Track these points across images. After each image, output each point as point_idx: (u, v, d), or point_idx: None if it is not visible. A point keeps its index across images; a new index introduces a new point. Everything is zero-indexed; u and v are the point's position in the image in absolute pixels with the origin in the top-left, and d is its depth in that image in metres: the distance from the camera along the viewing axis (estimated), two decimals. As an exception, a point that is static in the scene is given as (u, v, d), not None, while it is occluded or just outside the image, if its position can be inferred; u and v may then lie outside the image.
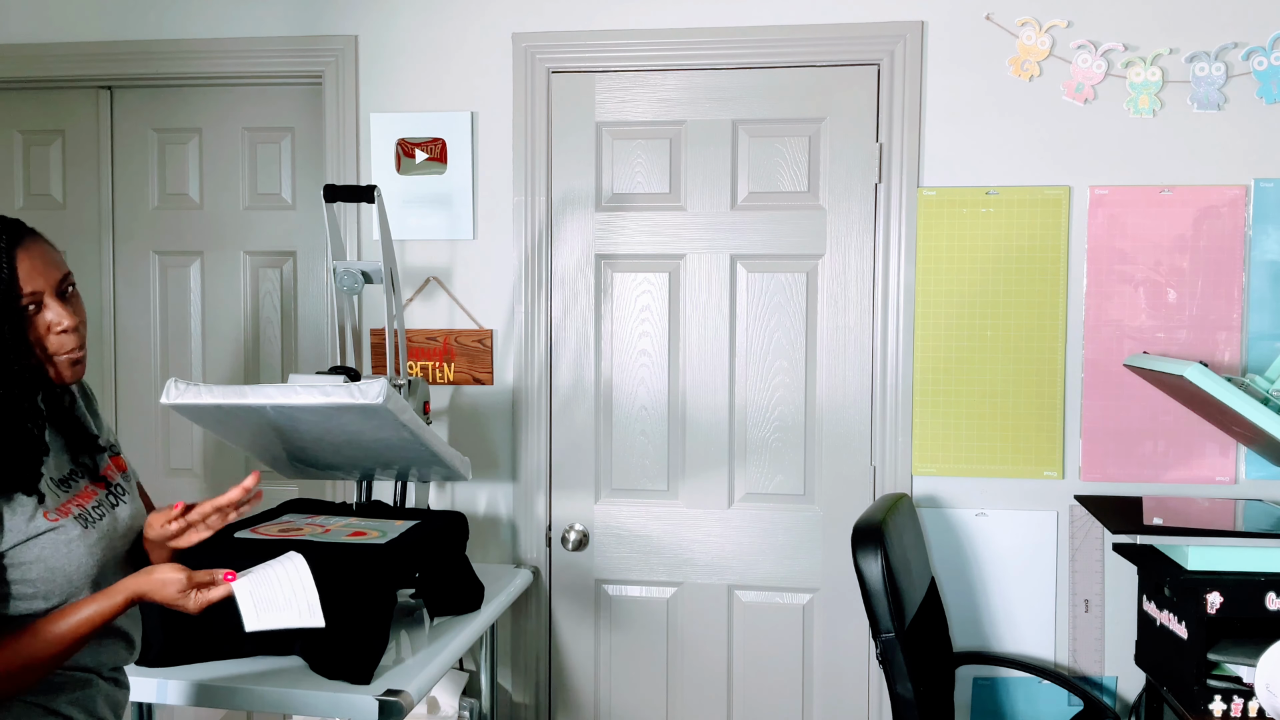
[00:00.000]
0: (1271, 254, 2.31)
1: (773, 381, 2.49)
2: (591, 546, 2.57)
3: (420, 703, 1.84)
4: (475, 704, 2.48)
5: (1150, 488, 2.37)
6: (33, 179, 2.81)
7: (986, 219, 2.38)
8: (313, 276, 2.72)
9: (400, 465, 2.17)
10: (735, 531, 2.52)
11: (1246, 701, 1.90)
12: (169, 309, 2.78)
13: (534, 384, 2.54)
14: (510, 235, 2.55)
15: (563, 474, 2.57)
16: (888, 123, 2.40)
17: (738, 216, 2.49)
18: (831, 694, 2.51)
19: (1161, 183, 2.34)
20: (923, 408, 2.42)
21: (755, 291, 2.49)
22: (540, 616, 2.58)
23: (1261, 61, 2.30)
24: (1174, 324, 2.34)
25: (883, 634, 1.91)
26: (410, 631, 1.93)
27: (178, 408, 1.91)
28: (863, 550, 1.93)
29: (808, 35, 2.41)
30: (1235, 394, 1.95)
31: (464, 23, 2.54)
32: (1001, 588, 2.42)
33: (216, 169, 2.75)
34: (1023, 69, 2.36)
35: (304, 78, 2.64)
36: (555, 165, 2.54)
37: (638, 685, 2.57)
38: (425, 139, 2.56)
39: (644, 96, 2.50)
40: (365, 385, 1.82)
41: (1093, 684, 2.40)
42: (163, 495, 2.79)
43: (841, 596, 2.49)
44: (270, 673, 1.80)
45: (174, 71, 2.64)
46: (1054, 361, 2.38)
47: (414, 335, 2.58)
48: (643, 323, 2.53)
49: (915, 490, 2.44)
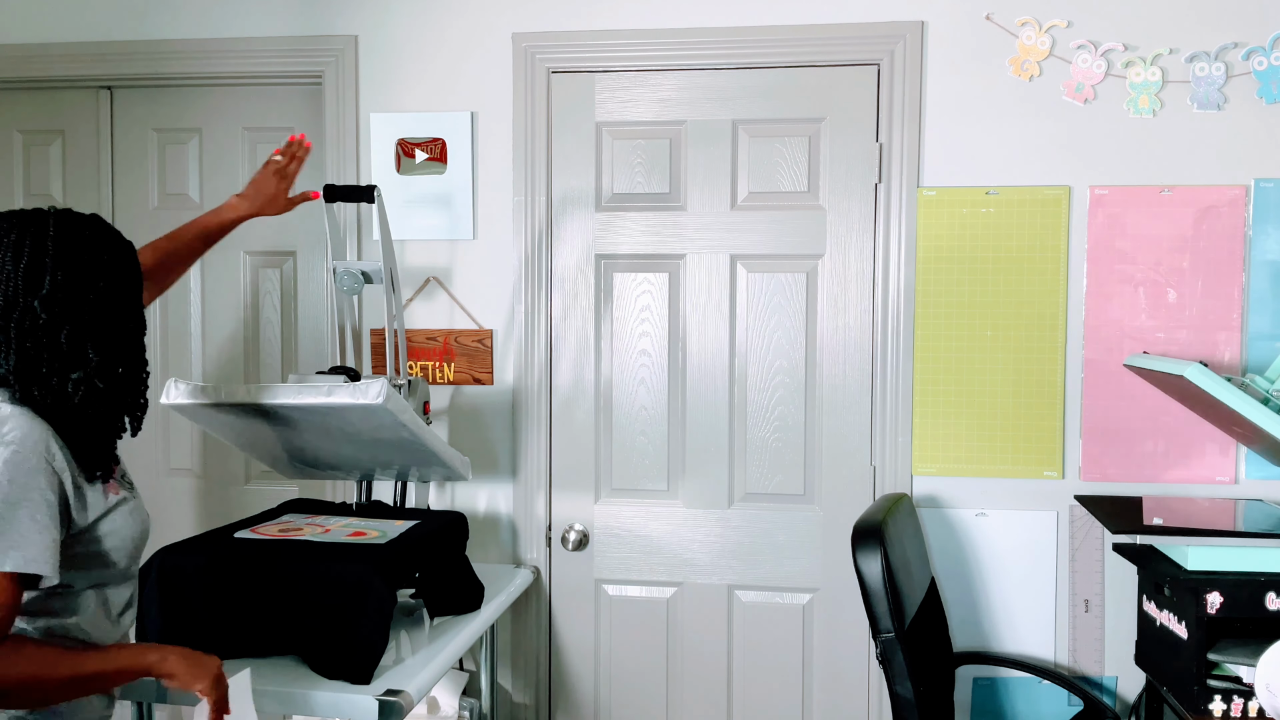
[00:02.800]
0: (1271, 254, 2.31)
1: (773, 381, 2.49)
2: (591, 546, 2.57)
3: (420, 703, 1.84)
4: (475, 704, 2.48)
5: (1150, 488, 2.37)
6: (33, 179, 2.81)
7: (986, 219, 2.38)
8: (313, 276, 2.72)
9: (400, 465, 2.17)
10: (735, 531, 2.52)
11: (1246, 701, 1.90)
12: (169, 309, 2.78)
13: (534, 384, 2.54)
14: (510, 235, 2.55)
15: (563, 474, 2.57)
16: (888, 123, 2.40)
17: (738, 216, 2.49)
18: (831, 694, 2.51)
19: (1161, 183, 2.34)
20: (923, 408, 2.42)
21: (755, 291, 2.49)
22: (540, 616, 2.58)
23: (1261, 61, 2.30)
24: (1174, 324, 2.34)
25: (882, 634, 1.91)
26: (410, 631, 1.93)
27: (177, 407, 1.91)
28: (863, 550, 1.93)
29: (808, 35, 2.41)
30: (1235, 394, 1.95)
31: (464, 23, 2.54)
32: (1001, 588, 2.42)
33: (216, 169, 2.74)
34: (1023, 69, 2.36)
35: (304, 78, 2.64)
36: (555, 165, 2.54)
37: (638, 685, 2.57)
38: (425, 139, 2.56)
39: (644, 96, 2.50)
40: (365, 385, 1.82)
41: (1093, 684, 2.40)
42: (162, 495, 2.79)
43: (841, 596, 2.49)
44: (270, 673, 1.79)
45: (174, 71, 2.64)
46: (1054, 361, 2.38)
47: (414, 335, 2.58)
48: (643, 323, 2.53)
49: (915, 490, 2.44)
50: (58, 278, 1.38)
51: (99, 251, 1.43)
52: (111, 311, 1.44)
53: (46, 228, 1.40)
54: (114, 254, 1.45)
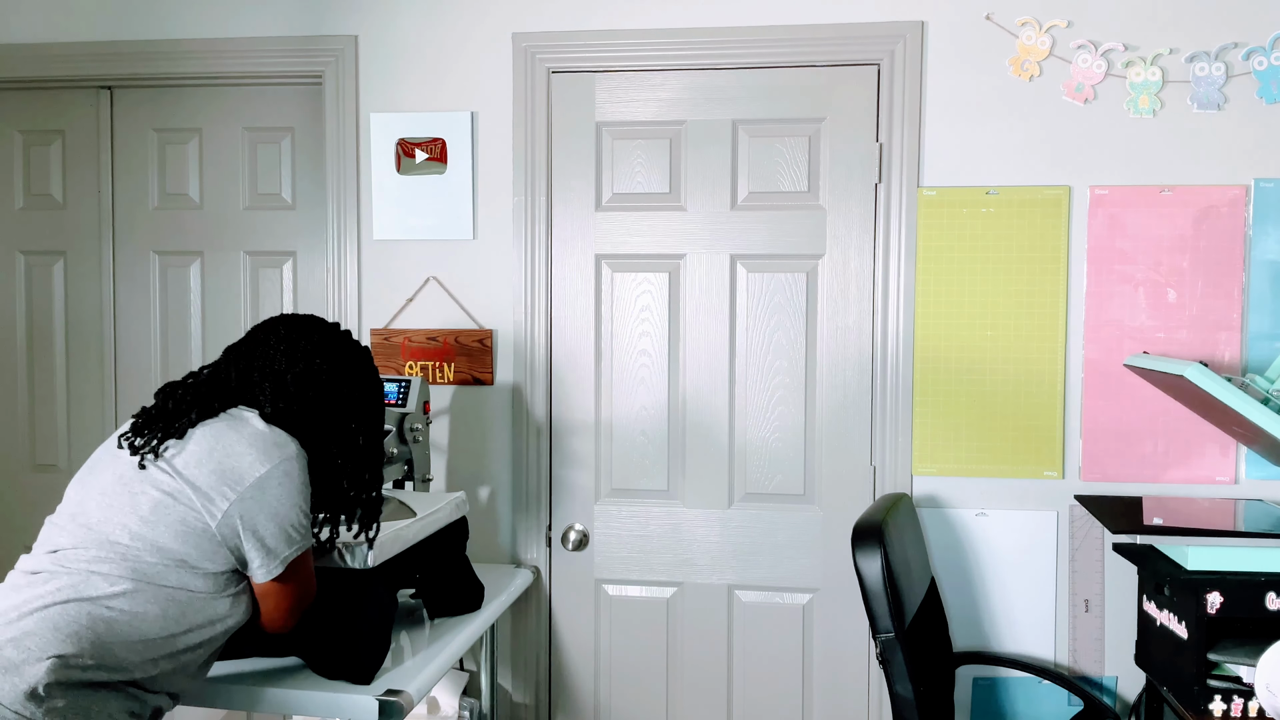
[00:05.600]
0: (1271, 254, 2.31)
1: (773, 381, 2.49)
2: (591, 546, 2.57)
3: (420, 703, 1.84)
4: (475, 704, 2.48)
5: (1150, 488, 2.37)
6: (33, 179, 2.81)
7: (986, 219, 2.38)
8: (313, 277, 2.72)
9: None
10: (735, 531, 2.52)
11: (1246, 701, 1.90)
12: (169, 309, 2.78)
13: (534, 384, 2.54)
14: (510, 235, 2.55)
15: (563, 474, 2.57)
16: (888, 123, 2.40)
17: (738, 216, 2.49)
18: (831, 694, 2.51)
19: (1161, 183, 2.34)
20: (923, 408, 2.42)
21: (755, 291, 2.49)
22: (540, 616, 2.58)
23: (1261, 61, 2.30)
24: (1174, 324, 2.34)
25: (882, 634, 1.91)
26: (410, 631, 1.93)
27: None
28: (863, 550, 1.93)
29: (808, 35, 2.41)
30: (1235, 394, 1.95)
31: (464, 23, 2.54)
32: (1001, 588, 2.42)
33: (216, 169, 2.75)
34: (1023, 69, 2.36)
35: (304, 78, 2.64)
36: (555, 165, 2.54)
37: (638, 685, 2.57)
38: (425, 139, 2.56)
39: (644, 96, 2.50)
40: (353, 550, 1.79)
41: (1093, 684, 2.40)
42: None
43: (841, 596, 2.49)
44: (270, 673, 1.80)
45: (174, 71, 2.64)
46: (1054, 361, 2.38)
47: (414, 335, 2.58)
48: (643, 323, 2.53)
49: (915, 490, 2.44)
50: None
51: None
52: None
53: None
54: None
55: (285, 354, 1.68)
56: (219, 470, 1.55)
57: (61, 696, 1.40)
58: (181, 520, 1.52)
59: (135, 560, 1.50)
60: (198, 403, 1.64)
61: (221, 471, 1.55)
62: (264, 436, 1.60)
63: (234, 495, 1.54)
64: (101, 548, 1.51)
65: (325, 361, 1.70)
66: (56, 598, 1.45)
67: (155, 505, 1.52)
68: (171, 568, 1.51)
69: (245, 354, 1.70)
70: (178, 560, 1.52)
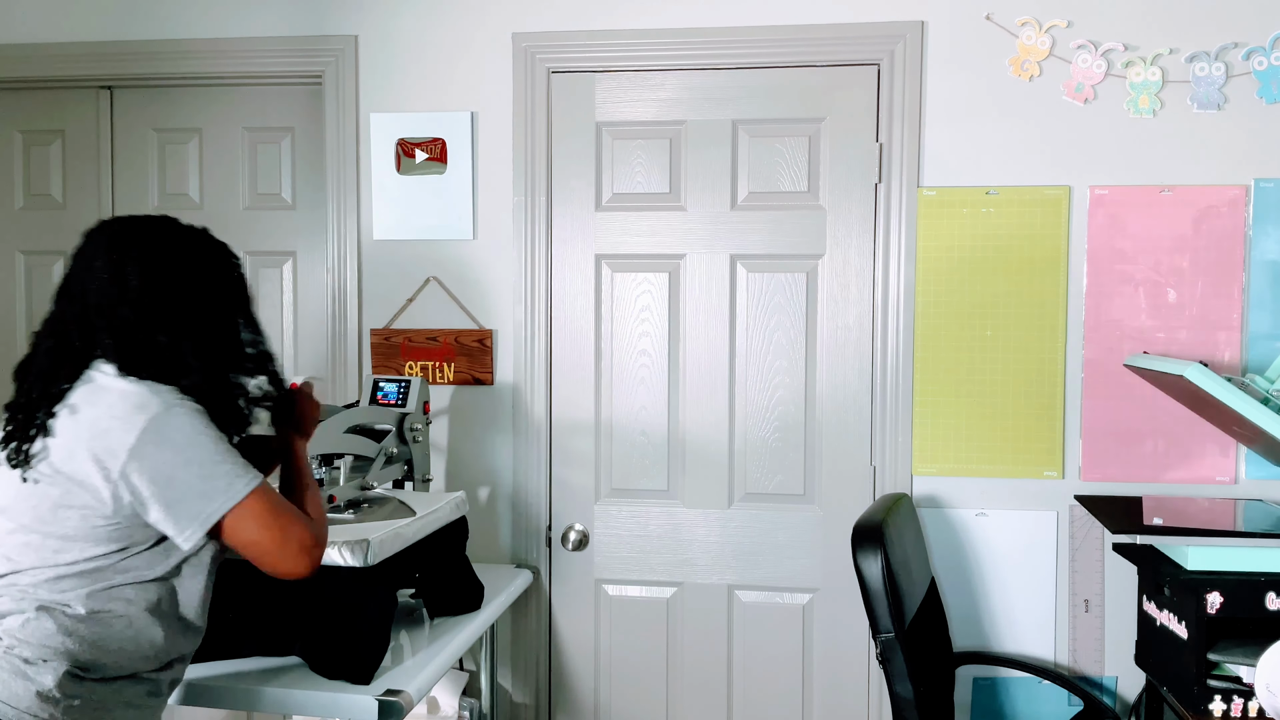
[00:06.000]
0: (1271, 254, 2.31)
1: (773, 381, 2.49)
2: (591, 546, 2.57)
3: (420, 703, 1.84)
4: (475, 704, 2.48)
5: (1150, 488, 2.37)
6: (33, 179, 2.81)
7: (986, 219, 2.38)
8: (313, 277, 2.72)
9: None
10: (735, 531, 2.52)
11: (1246, 701, 1.90)
12: (169, 309, 2.78)
13: (534, 383, 2.54)
14: (510, 235, 2.55)
15: (562, 474, 2.57)
16: (887, 123, 2.40)
17: (738, 216, 2.49)
18: (831, 694, 2.51)
19: (1161, 183, 2.34)
20: (923, 408, 2.42)
21: (755, 291, 2.49)
22: (540, 616, 2.58)
23: (1261, 61, 2.30)
24: (1174, 324, 2.34)
25: (882, 634, 1.91)
26: (410, 631, 1.93)
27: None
28: (863, 550, 1.93)
29: (808, 35, 2.41)
30: (1235, 394, 1.95)
31: (464, 23, 2.54)
32: (1001, 587, 2.42)
33: (216, 169, 2.75)
34: (1023, 69, 2.36)
35: (304, 78, 2.64)
36: (555, 165, 2.54)
37: (638, 685, 2.57)
38: (425, 139, 2.56)
39: (644, 96, 2.50)
40: (353, 547, 1.78)
41: (1093, 684, 2.40)
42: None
43: (841, 596, 2.49)
44: (270, 673, 1.80)
45: (174, 71, 2.64)
46: (1054, 361, 2.38)
47: (414, 335, 2.58)
48: (643, 323, 2.53)
49: (915, 490, 2.44)
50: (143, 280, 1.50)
51: (183, 255, 1.54)
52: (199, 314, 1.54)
53: (136, 233, 1.53)
54: (197, 257, 1.55)
55: (115, 282, 1.48)
56: (93, 456, 1.43)
57: (76, 694, 1.40)
58: (83, 518, 1.44)
59: (66, 582, 1.45)
60: (48, 383, 1.49)
61: (95, 456, 1.43)
62: (124, 399, 1.45)
63: (116, 474, 1.42)
64: (31, 574, 1.45)
65: (164, 274, 1.50)
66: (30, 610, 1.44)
67: (54, 510, 1.44)
68: (105, 570, 1.46)
69: (75, 294, 1.52)
70: (103, 555, 1.45)
